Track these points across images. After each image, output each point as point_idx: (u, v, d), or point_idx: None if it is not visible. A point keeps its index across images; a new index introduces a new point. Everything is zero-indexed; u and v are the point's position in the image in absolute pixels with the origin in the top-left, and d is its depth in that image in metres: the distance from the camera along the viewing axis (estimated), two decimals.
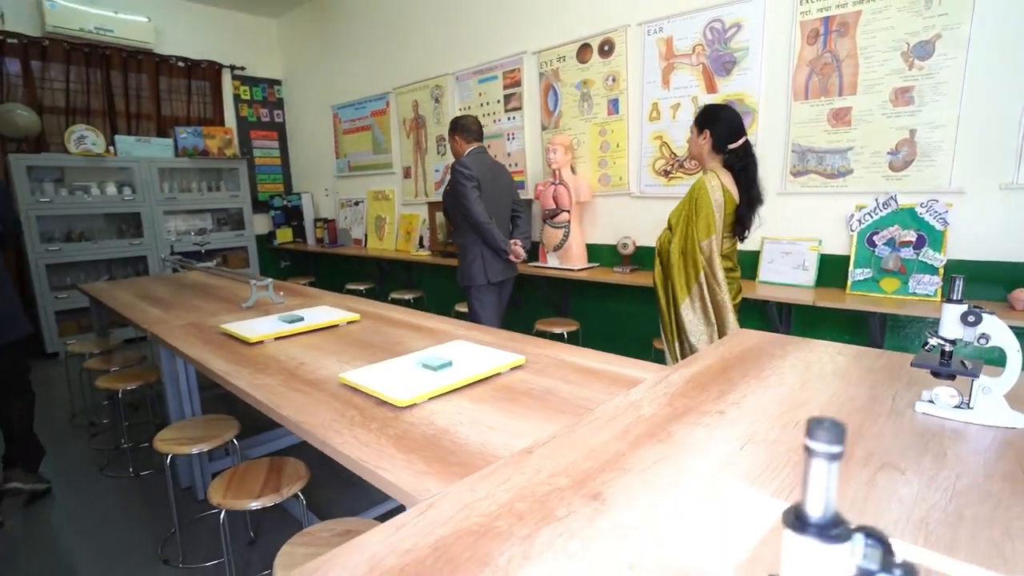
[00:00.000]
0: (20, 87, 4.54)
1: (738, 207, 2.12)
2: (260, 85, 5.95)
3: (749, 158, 2.11)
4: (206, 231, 5.38)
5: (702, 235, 2.06)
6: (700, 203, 2.05)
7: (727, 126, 2.08)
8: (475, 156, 2.91)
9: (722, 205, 2.06)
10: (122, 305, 2.78)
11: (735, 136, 2.09)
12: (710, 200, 2.04)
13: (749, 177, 2.11)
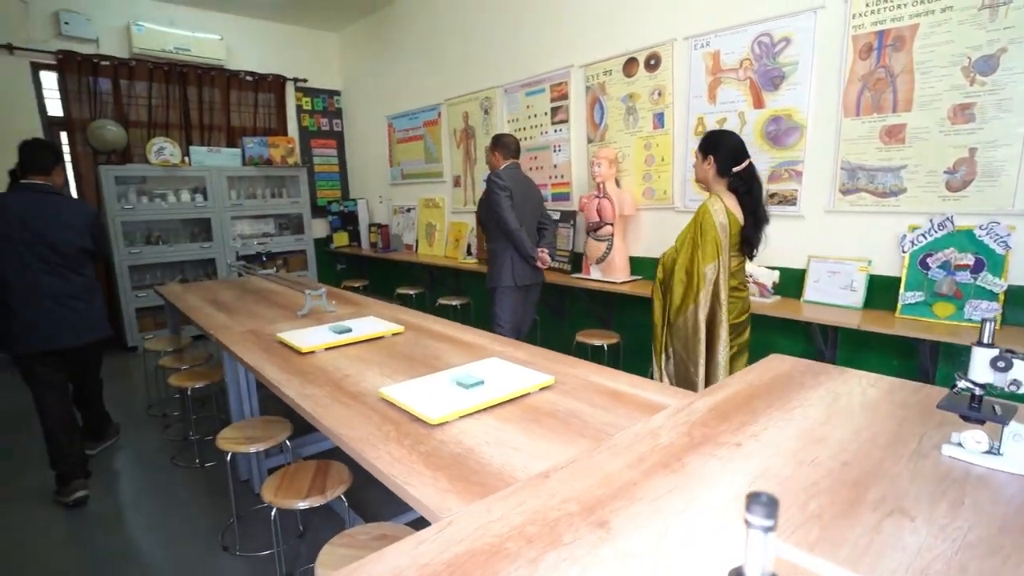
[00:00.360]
0: (110, 104, 4.97)
1: (744, 228, 2.19)
2: (321, 96, 6.24)
3: (753, 180, 2.18)
4: (269, 235, 5.70)
5: (708, 258, 2.13)
6: (705, 227, 2.13)
7: (730, 151, 2.16)
8: (509, 171, 3.15)
9: (727, 227, 2.13)
10: (191, 308, 3.02)
11: (738, 160, 2.16)
12: (714, 223, 2.12)
13: (754, 198, 2.17)
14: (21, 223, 2.50)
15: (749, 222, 2.19)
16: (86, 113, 4.83)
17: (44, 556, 2.22)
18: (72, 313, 2.64)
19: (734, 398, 1.40)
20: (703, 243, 2.14)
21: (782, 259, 2.91)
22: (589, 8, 3.65)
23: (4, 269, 2.51)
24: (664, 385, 1.65)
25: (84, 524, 2.43)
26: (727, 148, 2.17)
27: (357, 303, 3.02)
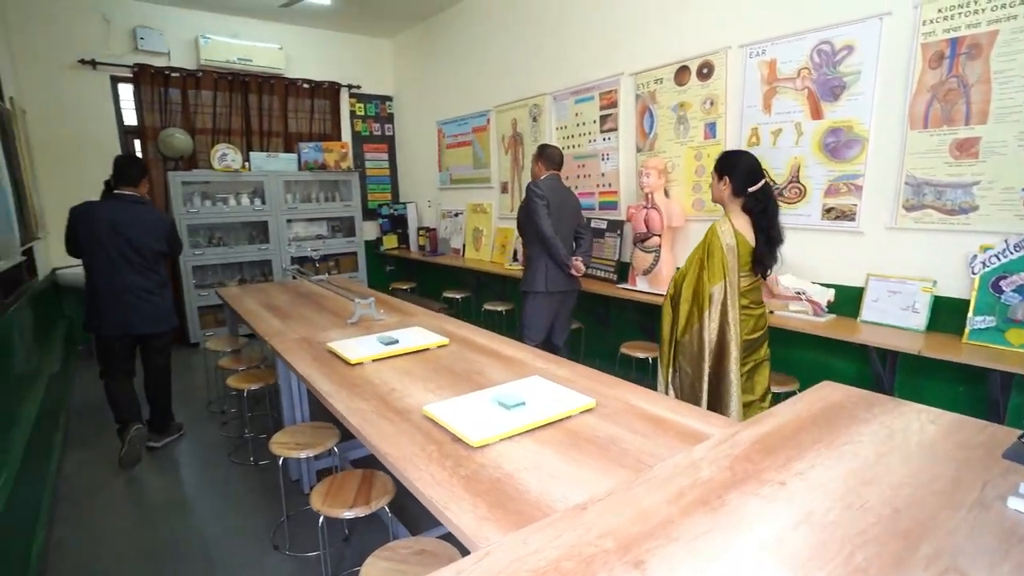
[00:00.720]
0: (179, 113, 5.26)
1: (755, 248, 2.23)
2: (373, 101, 6.41)
3: (768, 200, 2.21)
4: (322, 237, 5.90)
5: (714, 279, 2.19)
6: (712, 248, 2.20)
7: (745, 172, 2.20)
8: (549, 181, 3.25)
9: (734, 248, 2.19)
10: (248, 312, 3.17)
11: (753, 180, 2.19)
12: (721, 245, 2.18)
13: (768, 218, 2.21)
14: (111, 228, 2.93)
15: (761, 242, 2.22)
16: (157, 122, 5.13)
17: (110, 542, 2.38)
18: (148, 305, 3.04)
19: (780, 430, 1.36)
20: (710, 264, 2.20)
21: (838, 276, 2.80)
22: (640, 16, 3.61)
23: (94, 266, 2.97)
24: (706, 413, 1.62)
25: (149, 514, 2.60)
26: (743, 169, 2.20)
27: (404, 311, 3.09)
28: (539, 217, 3.16)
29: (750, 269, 2.26)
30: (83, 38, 4.81)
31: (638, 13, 3.62)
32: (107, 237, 2.92)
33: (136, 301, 3.01)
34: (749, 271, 2.26)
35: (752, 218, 2.22)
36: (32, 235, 3.72)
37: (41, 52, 4.65)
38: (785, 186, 2.95)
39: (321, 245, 5.82)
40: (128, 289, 2.98)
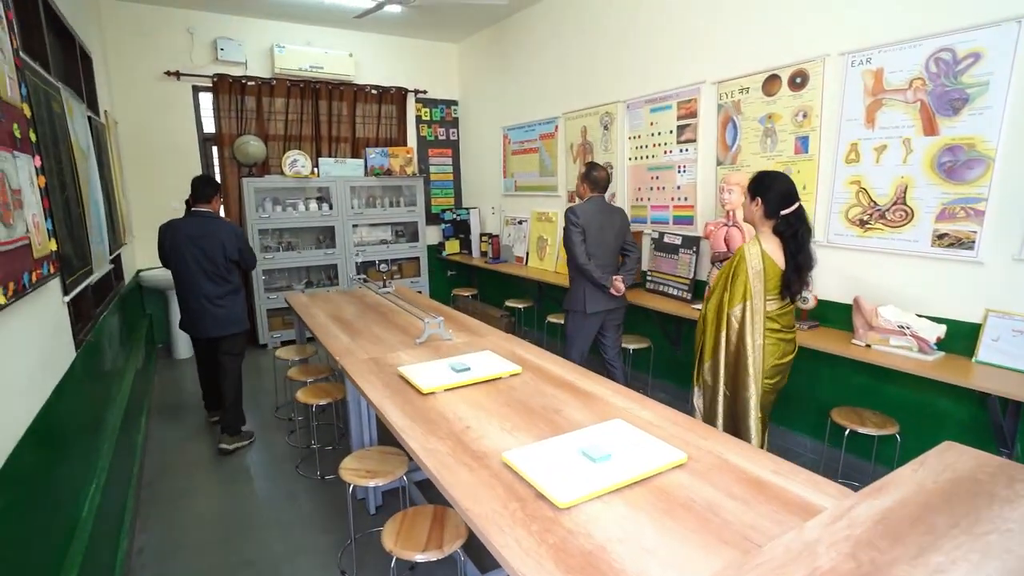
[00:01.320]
0: (253, 120, 5.42)
1: (784, 272, 2.20)
2: (439, 106, 6.41)
3: (800, 224, 2.18)
4: (386, 242, 5.96)
5: (735, 300, 2.20)
6: (737, 271, 2.21)
7: (779, 194, 2.18)
8: (590, 204, 3.36)
9: (761, 272, 2.18)
10: (318, 326, 3.19)
11: (787, 203, 2.17)
12: (747, 268, 2.18)
13: (798, 243, 2.18)
14: (189, 241, 3.25)
15: (789, 267, 2.19)
16: (233, 129, 5.30)
17: (186, 553, 2.43)
18: (220, 311, 3.33)
19: (904, 505, 1.19)
20: (733, 286, 2.21)
21: (949, 310, 2.52)
22: (725, 21, 3.39)
23: (177, 275, 3.32)
24: (814, 477, 1.46)
25: (223, 524, 2.65)
26: (777, 191, 2.18)
27: (473, 330, 3.03)
28: (573, 244, 3.28)
29: (778, 293, 2.23)
30: (170, 51, 5.03)
31: (722, 18, 3.41)
32: (186, 249, 3.25)
33: (209, 306, 3.30)
34: (778, 295, 2.24)
35: (782, 241, 2.19)
36: (120, 241, 3.89)
37: (132, 66, 4.89)
38: (888, 208, 2.69)
39: (385, 250, 5.88)
40: (203, 295, 3.28)
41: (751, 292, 2.17)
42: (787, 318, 2.29)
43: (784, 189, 2.18)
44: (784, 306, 2.27)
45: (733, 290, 2.21)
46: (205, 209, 3.34)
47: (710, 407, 2.38)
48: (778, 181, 2.20)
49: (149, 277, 4.90)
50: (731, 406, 2.31)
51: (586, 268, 3.27)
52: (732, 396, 2.29)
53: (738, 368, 2.24)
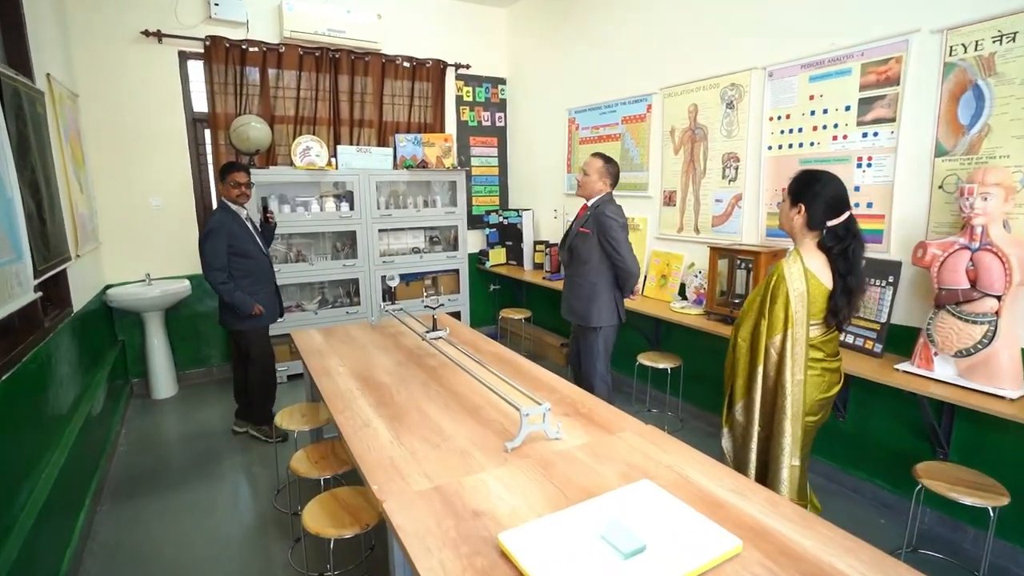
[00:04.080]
0: (256, 97, 4.30)
1: (832, 295, 1.90)
2: (483, 85, 5.25)
3: (852, 239, 1.87)
4: (419, 250, 4.82)
5: (775, 329, 1.90)
6: (776, 294, 1.89)
7: (827, 200, 1.85)
8: (614, 202, 2.97)
9: (804, 295, 1.88)
10: (337, 396, 2.06)
11: (836, 211, 1.86)
12: (787, 290, 1.87)
13: (849, 261, 1.87)
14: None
15: (838, 289, 1.89)
16: (231, 108, 4.19)
17: None
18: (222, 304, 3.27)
19: None
20: (771, 312, 1.90)
21: None
22: None
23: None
24: None
25: None
26: (825, 196, 1.86)
27: (593, 418, 1.88)
28: (625, 249, 2.86)
29: (823, 319, 1.95)
30: (149, 3, 3.91)
31: None
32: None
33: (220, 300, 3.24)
34: (822, 320, 1.95)
35: (829, 259, 1.91)
36: (63, 254, 2.79)
37: (98, 20, 3.77)
38: None
39: (418, 260, 4.74)
40: (215, 289, 3.17)
41: (792, 319, 1.88)
42: (832, 344, 2.00)
43: (834, 194, 1.87)
44: (829, 332, 1.98)
45: (772, 317, 1.90)
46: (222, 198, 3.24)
47: (741, 450, 2.08)
48: (828, 184, 1.88)
49: (120, 296, 3.81)
50: (764, 451, 2.02)
51: (636, 274, 2.91)
52: (766, 439, 2.01)
53: (775, 407, 1.94)
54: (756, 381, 1.98)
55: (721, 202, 3.34)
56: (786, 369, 1.90)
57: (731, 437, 2.15)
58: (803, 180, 1.92)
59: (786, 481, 1.99)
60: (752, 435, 2.04)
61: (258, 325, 3.30)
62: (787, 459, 1.95)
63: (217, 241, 3.11)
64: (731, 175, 3.25)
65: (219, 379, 4.42)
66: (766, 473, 2.04)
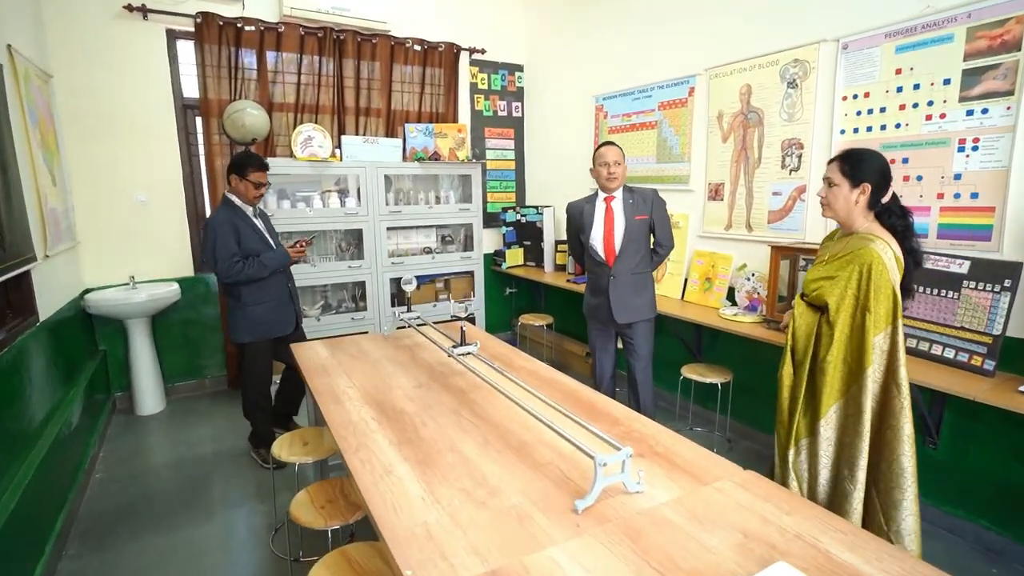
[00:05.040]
0: (253, 82, 3.90)
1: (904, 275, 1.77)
2: (500, 72, 4.85)
3: (907, 213, 1.78)
4: (430, 250, 4.42)
5: (880, 325, 1.69)
6: (879, 282, 1.67)
7: (881, 175, 1.76)
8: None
9: (898, 283, 1.72)
10: (349, 431, 1.66)
11: (887, 187, 1.78)
12: (890, 279, 1.68)
13: (913, 237, 1.78)
14: None
15: (909, 267, 1.77)
16: (225, 93, 3.79)
17: None
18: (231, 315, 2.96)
19: None
20: (875, 304, 1.67)
21: None
22: None
23: None
24: None
25: None
26: (881, 172, 1.76)
27: (661, 453, 1.48)
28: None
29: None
30: None
31: None
32: None
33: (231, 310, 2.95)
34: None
35: (896, 237, 1.75)
36: (23, 253, 2.39)
37: None
38: None
39: (430, 262, 4.34)
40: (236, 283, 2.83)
41: (900, 310, 1.69)
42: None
43: (886, 168, 1.77)
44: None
45: (877, 310, 1.67)
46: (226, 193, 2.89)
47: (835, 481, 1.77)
48: (877, 159, 1.78)
49: (101, 301, 3.41)
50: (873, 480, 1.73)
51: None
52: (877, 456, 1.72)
53: (886, 414, 1.70)
54: (867, 381, 1.69)
55: (780, 195, 2.94)
56: (900, 366, 1.68)
57: (809, 455, 1.82)
58: (857, 158, 1.78)
59: (913, 533, 1.69)
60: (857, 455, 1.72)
61: (262, 336, 2.90)
62: (910, 501, 1.68)
63: (223, 236, 2.74)
64: (792, 164, 2.86)
65: (212, 392, 4.02)
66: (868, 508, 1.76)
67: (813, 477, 1.81)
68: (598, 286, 2.79)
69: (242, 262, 2.79)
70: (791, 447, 1.82)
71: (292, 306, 3.04)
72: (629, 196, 2.72)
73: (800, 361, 1.82)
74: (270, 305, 2.91)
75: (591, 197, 2.81)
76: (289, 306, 3.02)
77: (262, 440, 3.02)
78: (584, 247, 2.86)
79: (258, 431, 3.04)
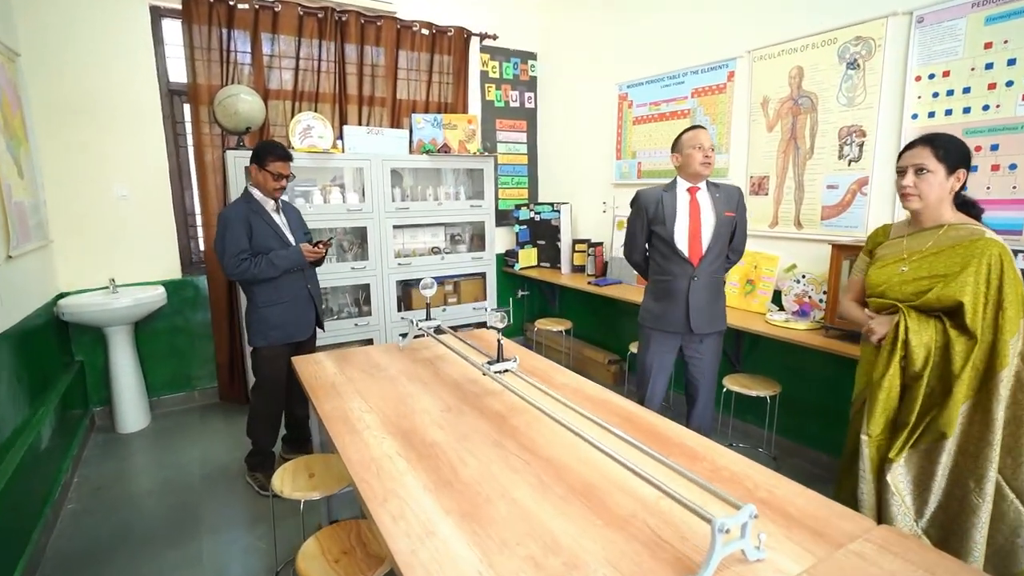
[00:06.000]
0: (247, 67, 3.57)
1: None
2: (512, 60, 4.54)
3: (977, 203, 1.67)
4: (438, 250, 4.10)
5: (1013, 327, 1.49)
6: (1011, 276, 1.49)
7: (969, 160, 1.61)
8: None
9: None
10: (370, 468, 1.34)
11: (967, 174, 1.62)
12: (1018, 275, 1.50)
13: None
14: None
15: None
16: (215, 78, 3.46)
17: None
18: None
19: None
20: (1011, 300, 1.49)
21: None
22: None
23: None
24: None
25: None
26: (968, 158, 1.60)
27: (768, 499, 1.18)
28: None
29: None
30: None
31: None
32: None
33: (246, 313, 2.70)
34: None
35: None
36: None
37: None
38: None
39: (439, 263, 4.02)
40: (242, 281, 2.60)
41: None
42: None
43: (970, 155, 1.61)
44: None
45: (1008, 309, 1.48)
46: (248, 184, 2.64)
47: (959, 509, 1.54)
48: (964, 144, 1.60)
49: (77, 307, 3.06)
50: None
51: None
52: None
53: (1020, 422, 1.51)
54: (996, 392, 1.50)
55: (836, 189, 2.65)
56: None
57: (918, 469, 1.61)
58: (949, 143, 1.61)
59: None
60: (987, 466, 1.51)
61: (277, 341, 2.61)
62: None
63: (233, 231, 2.48)
64: (852, 154, 2.57)
65: (202, 406, 3.68)
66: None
67: (921, 492, 1.62)
68: (671, 289, 2.37)
69: (250, 260, 2.50)
70: (896, 460, 1.61)
71: (313, 309, 2.73)
72: (715, 190, 2.38)
73: (918, 373, 1.58)
74: (285, 306, 2.60)
75: (669, 186, 2.43)
76: (308, 309, 2.71)
77: (260, 463, 2.70)
78: (649, 244, 2.47)
79: (258, 450, 2.73)
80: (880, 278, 1.71)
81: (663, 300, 2.39)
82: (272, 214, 2.62)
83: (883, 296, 1.69)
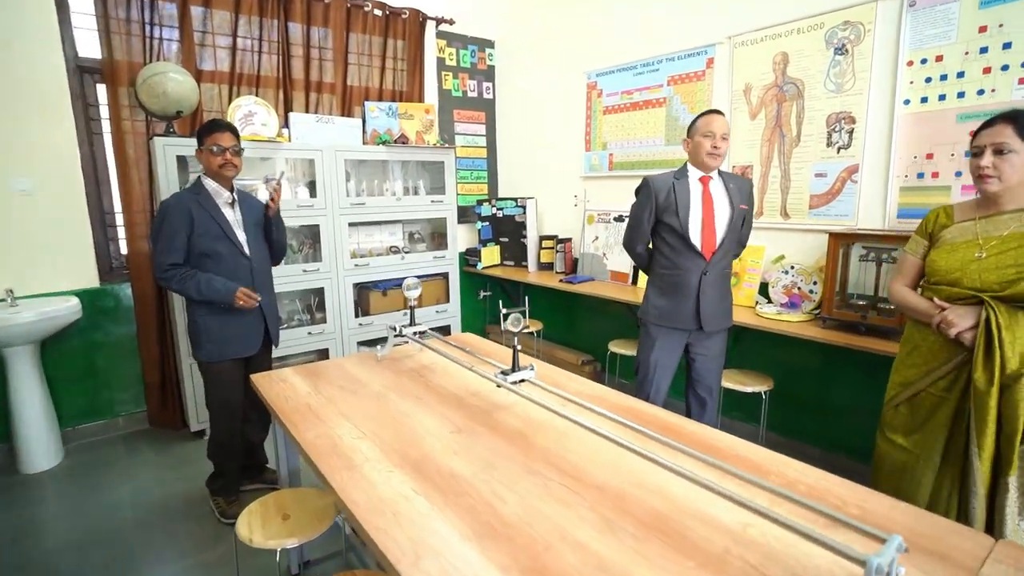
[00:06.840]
0: (174, 43, 3.13)
1: None
2: (469, 47, 4.28)
3: None
4: (396, 249, 3.79)
5: None
6: None
7: None
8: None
9: None
10: (386, 516, 1.06)
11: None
12: None
13: None
14: None
15: None
16: (136, 55, 3.00)
17: None
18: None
19: None
20: None
21: None
22: None
23: None
24: None
25: None
26: None
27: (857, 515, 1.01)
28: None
29: None
30: None
31: None
32: None
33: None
34: None
35: None
36: None
37: None
38: None
39: (398, 263, 3.71)
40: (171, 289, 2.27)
41: None
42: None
43: None
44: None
45: None
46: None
47: None
48: None
49: None
50: None
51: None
52: None
53: None
54: None
55: (824, 177, 2.60)
56: None
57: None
58: None
59: None
60: None
61: (220, 356, 2.25)
62: None
63: (170, 224, 2.11)
64: (841, 141, 2.52)
65: (127, 435, 3.18)
66: None
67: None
68: (681, 283, 2.21)
69: (175, 270, 2.12)
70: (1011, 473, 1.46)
71: (262, 321, 2.35)
72: (729, 181, 2.23)
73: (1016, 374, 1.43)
74: (226, 318, 2.22)
75: (680, 173, 2.24)
76: (256, 320, 2.32)
77: (223, 487, 2.37)
78: (655, 235, 2.29)
79: (221, 473, 2.38)
80: (951, 263, 1.57)
81: (671, 295, 2.23)
82: (224, 208, 2.24)
83: (956, 284, 1.55)
